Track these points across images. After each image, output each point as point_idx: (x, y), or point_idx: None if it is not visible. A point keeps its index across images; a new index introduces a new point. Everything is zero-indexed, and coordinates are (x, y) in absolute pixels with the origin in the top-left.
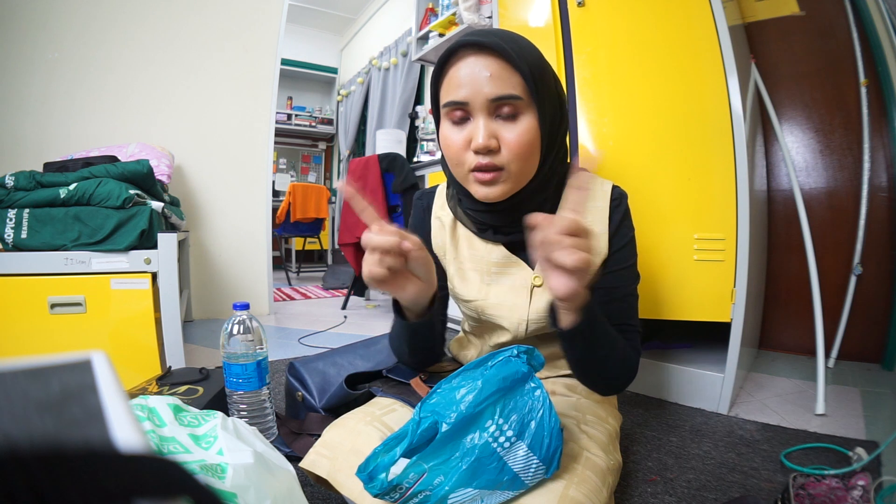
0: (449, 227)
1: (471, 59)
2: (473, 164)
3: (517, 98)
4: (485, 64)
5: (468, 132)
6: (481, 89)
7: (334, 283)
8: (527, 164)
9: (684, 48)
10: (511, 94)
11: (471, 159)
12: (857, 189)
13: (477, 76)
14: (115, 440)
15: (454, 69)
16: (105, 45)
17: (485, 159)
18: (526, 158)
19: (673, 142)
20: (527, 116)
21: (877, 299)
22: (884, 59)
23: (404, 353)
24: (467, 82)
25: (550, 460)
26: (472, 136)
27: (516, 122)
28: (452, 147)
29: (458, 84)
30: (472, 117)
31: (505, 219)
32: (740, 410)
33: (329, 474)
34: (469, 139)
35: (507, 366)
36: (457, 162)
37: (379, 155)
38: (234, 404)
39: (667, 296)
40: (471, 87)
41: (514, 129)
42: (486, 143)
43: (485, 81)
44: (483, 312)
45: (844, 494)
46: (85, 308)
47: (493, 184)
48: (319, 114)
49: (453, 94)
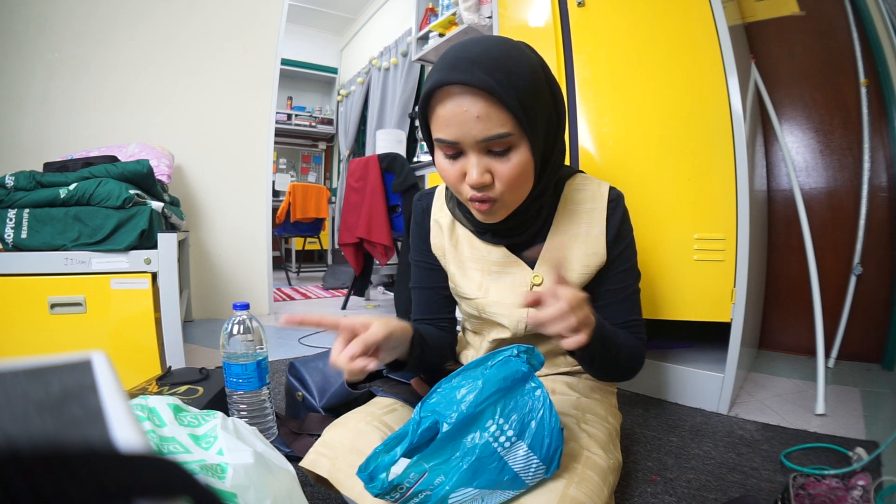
0: (448, 227)
1: (457, 99)
2: (470, 196)
3: (507, 135)
4: (471, 103)
5: (462, 165)
6: (470, 131)
7: (334, 283)
8: (521, 191)
9: (684, 48)
10: (500, 133)
11: (467, 191)
12: (857, 189)
13: (464, 117)
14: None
15: (441, 106)
16: (105, 44)
17: (480, 193)
18: (520, 187)
19: (673, 142)
20: (519, 150)
21: (877, 299)
22: (884, 59)
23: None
24: (455, 122)
25: (551, 460)
26: (467, 171)
27: (508, 156)
28: (449, 178)
29: (446, 123)
30: (465, 153)
31: (503, 226)
32: (740, 410)
33: (329, 474)
34: (463, 172)
35: (507, 365)
36: (455, 190)
37: (379, 155)
38: (234, 404)
39: (667, 296)
40: (459, 127)
41: (506, 164)
42: (480, 180)
43: (473, 123)
44: (483, 310)
45: (844, 494)
46: (85, 308)
47: (490, 213)
48: (319, 114)
49: (443, 132)
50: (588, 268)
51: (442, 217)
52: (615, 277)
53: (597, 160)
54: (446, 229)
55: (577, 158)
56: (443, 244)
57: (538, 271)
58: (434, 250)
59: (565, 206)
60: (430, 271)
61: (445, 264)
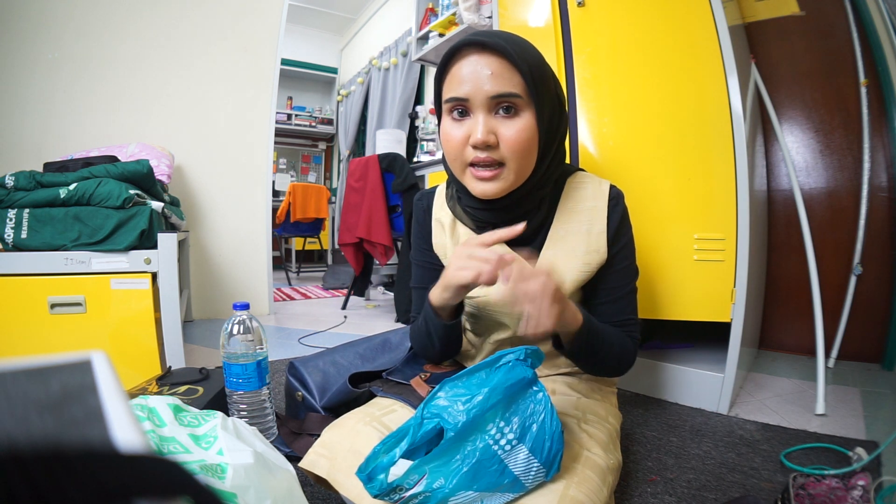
0: (449, 226)
1: (473, 58)
2: (471, 159)
3: (516, 96)
4: (486, 62)
5: (468, 128)
6: (482, 87)
7: (334, 283)
8: (524, 161)
9: (684, 48)
10: (510, 91)
11: (469, 154)
12: (857, 189)
13: (478, 74)
14: (115, 440)
15: (457, 67)
16: (105, 44)
17: (483, 154)
18: (524, 155)
19: (673, 142)
20: (525, 114)
21: (877, 299)
22: (884, 59)
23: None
24: (469, 79)
25: (551, 463)
26: (472, 132)
27: (515, 119)
28: (452, 141)
29: (459, 81)
30: (472, 113)
31: (503, 216)
32: (740, 410)
33: (328, 474)
34: (468, 134)
35: (514, 371)
36: (455, 156)
37: (379, 155)
38: (234, 404)
39: (667, 296)
40: (472, 83)
41: (512, 126)
42: (485, 139)
43: (486, 79)
44: (485, 308)
45: (844, 494)
46: (85, 308)
47: (491, 180)
48: (319, 114)
49: (455, 91)
50: (589, 265)
51: (443, 216)
52: (612, 276)
53: (597, 160)
54: (448, 228)
55: (577, 158)
56: (444, 243)
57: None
58: (436, 249)
59: (566, 202)
60: (432, 271)
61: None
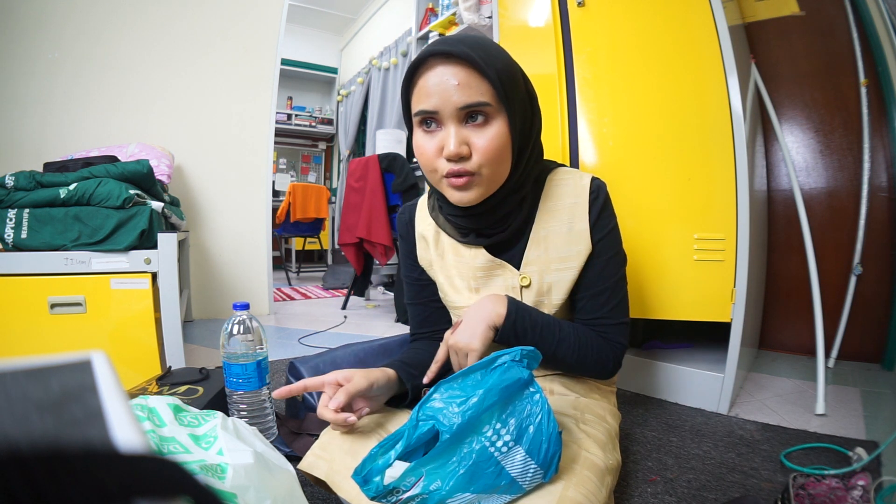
0: (432, 238)
1: (439, 69)
2: (446, 171)
3: (486, 105)
4: (452, 72)
5: (440, 139)
6: (450, 98)
7: (334, 283)
8: (499, 167)
9: (684, 48)
10: (479, 101)
11: (443, 166)
12: (857, 189)
13: (445, 85)
14: (115, 440)
15: (423, 79)
16: (105, 44)
17: (457, 166)
18: (497, 163)
19: (673, 142)
20: (496, 122)
21: (877, 299)
22: (884, 59)
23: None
24: (436, 91)
25: (548, 465)
26: (444, 143)
27: (486, 127)
28: (425, 154)
29: (427, 93)
30: (443, 125)
31: (484, 221)
32: (740, 410)
33: (327, 476)
34: (441, 146)
35: (510, 372)
36: (431, 168)
37: (379, 155)
38: (234, 404)
39: (667, 296)
40: (439, 96)
41: (484, 135)
42: (458, 151)
43: (453, 90)
44: None
45: (844, 494)
46: (85, 308)
47: (467, 188)
48: (319, 114)
49: (423, 103)
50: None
51: (426, 229)
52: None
53: (597, 160)
54: (431, 241)
55: (578, 158)
56: (429, 256)
57: (525, 272)
58: (420, 262)
59: (546, 201)
60: (421, 286)
61: (433, 275)
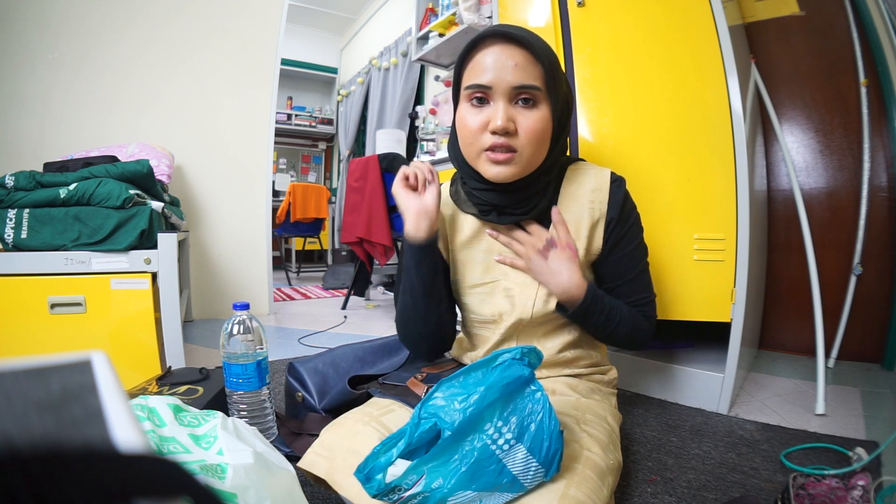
0: (450, 219)
1: (497, 48)
2: (489, 144)
3: (536, 88)
4: (510, 53)
5: (486, 115)
6: (505, 76)
7: (334, 283)
8: (538, 150)
9: (685, 48)
10: (532, 84)
11: (486, 139)
12: (857, 189)
13: (503, 63)
14: (115, 440)
15: (481, 55)
16: (105, 44)
17: (500, 140)
18: (539, 144)
19: (673, 142)
20: (543, 106)
21: (877, 299)
22: (884, 59)
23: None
24: (492, 68)
25: (550, 463)
26: (491, 119)
27: (533, 109)
28: (469, 127)
29: (482, 69)
30: (493, 101)
31: (510, 199)
32: (740, 410)
33: (327, 474)
34: (487, 121)
35: (510, 370)
36: (471, 141)
37: (379, 155)
38: (234, 404)
39: (667, 296)
40: (496, 72)
41: (531, 116)
42: (505, 125)
43: (510, 69)
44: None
45: (844, 494)
46: (85, 308)
47: (506, 164)
48: (319, 114)
49: (478, 78)
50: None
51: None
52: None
53: (597, 160)
54: (449, 221)
55: (578, 152)
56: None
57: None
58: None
59: (568, 187)
60: None
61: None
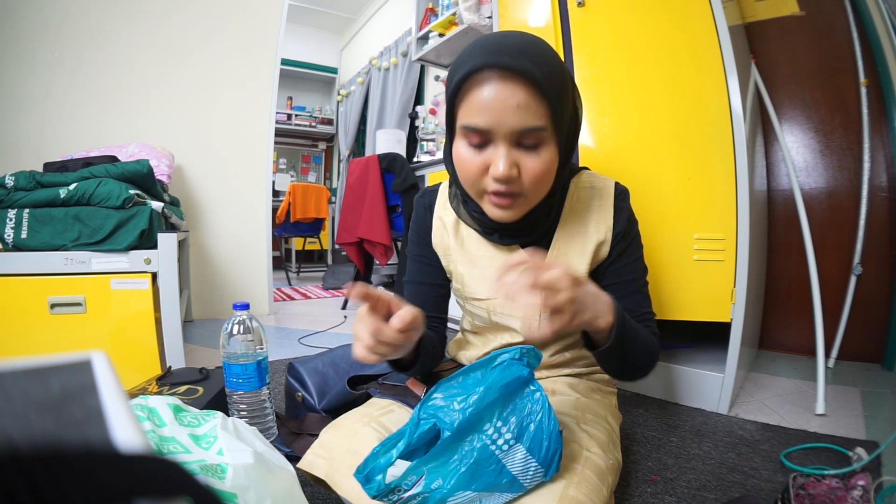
0: (452, 226)
1: (497, 84)
2: (491, 189)
3: (542, 129)
4: (512, 91)
5: (486, 157)
6: (507, 119)
7: (334, 283)
8: (544, 189)
9: (684, 48)
10: (537, 126)
11: (487, 183)
12: (857, 189)
13: (504, 104)
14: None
15: (478, 90)
16: (105, 44)
17: (503, 187)
18: (545, 185)
19: (673, 142)
20: (548, 146)
21: (877, 299)
22: (884, 59)
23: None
24: (491, 108)
25: (549, 463)
26: (492, 163)
27: (538, 151)
28: (469, 169)
29: (480, 108)
30: (493, 143)
31: (513, 225)
32: (740, 410)
33: (327, 475)
34: (487, 164)
35: (509, 370)
36: (471, 183)
37: (379, 155)
38: (234, 404)
39: (667, 296)
40: (495, 114)
41: (535, 160)
42: (508, 174)
43: (511, 111)
44: (494, 312)
45: (844, 494)
46: (85, 308)
47: (510, 208)
48: (319, 114)
49: (475, 118)
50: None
51: (446, 215)
52: (624, 270)
53: (597, 160)
54: (451, 228)
55: (578, 159)
56: (447, 243)
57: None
58: (436, 248)
59: (572, 204)
60: (428, 267)
61: (449, 264)
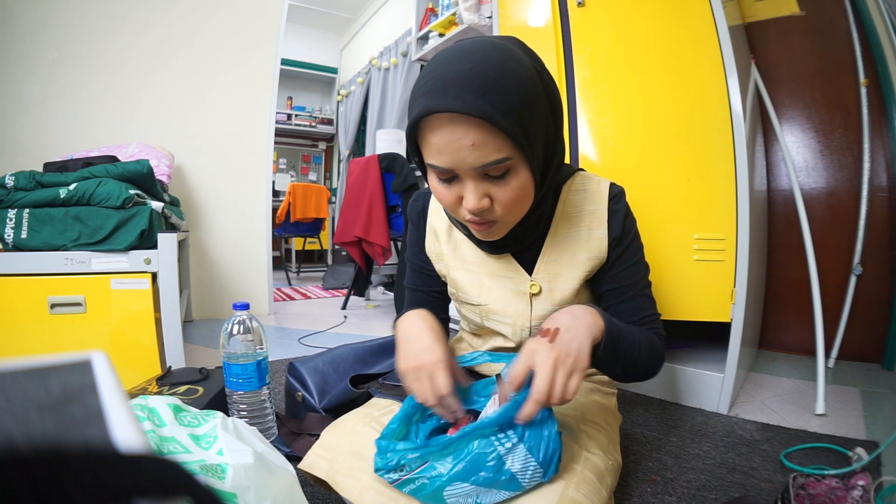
0: (445, 232)
1: (447, 127)
2: (468, 218)
3: (505, 160)
4: (464, 132)
5: (457, 190)
6: (465, 159)
7: (334, 283)
8: (521, 210)
9: (684, 48)
10: (498, 158)
11: (464, 213)
12: (857, 189)
13: (458, 145)
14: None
15: (431, 134)
16: (105, 45)
17: (478, 217)
18: (521, 207)
19: (673, 142)
20: (518, 171)
21: (877, 299)
22: (884, 59)
23: None
24: (447, 151)
25: (548, 464)
26: (464, 196)
27: (506, 180)
28: (445, 201)
29: (437, 150)
30: (460, 179)
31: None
32: (740, 410)
33: (328, 475)
34: (460, 196)
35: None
36: (451, 211)
37: (379, 155)
38: (234, 404)
39: (667, 296)
40: (453, 155)
41: (505, 189)
42: (479, 206)
43: (467, 151)
44: (486, 317)
45: (844, 494)
46: (85, 308)
47: (489, 232)
48: (319, 114)
49: (435, 160)
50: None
51: (438, 221)
52: (623, 275)
53: (597, 160)
54: (443, 234)
55: (577, 159)
56: (439, 249)
57: (535, 279)
58: (429, 252)
59: (564, 209)
60: (423, 275)
61: (442, 269)
